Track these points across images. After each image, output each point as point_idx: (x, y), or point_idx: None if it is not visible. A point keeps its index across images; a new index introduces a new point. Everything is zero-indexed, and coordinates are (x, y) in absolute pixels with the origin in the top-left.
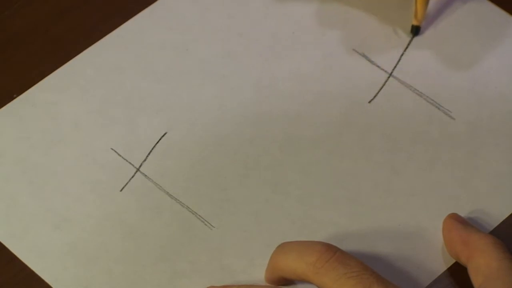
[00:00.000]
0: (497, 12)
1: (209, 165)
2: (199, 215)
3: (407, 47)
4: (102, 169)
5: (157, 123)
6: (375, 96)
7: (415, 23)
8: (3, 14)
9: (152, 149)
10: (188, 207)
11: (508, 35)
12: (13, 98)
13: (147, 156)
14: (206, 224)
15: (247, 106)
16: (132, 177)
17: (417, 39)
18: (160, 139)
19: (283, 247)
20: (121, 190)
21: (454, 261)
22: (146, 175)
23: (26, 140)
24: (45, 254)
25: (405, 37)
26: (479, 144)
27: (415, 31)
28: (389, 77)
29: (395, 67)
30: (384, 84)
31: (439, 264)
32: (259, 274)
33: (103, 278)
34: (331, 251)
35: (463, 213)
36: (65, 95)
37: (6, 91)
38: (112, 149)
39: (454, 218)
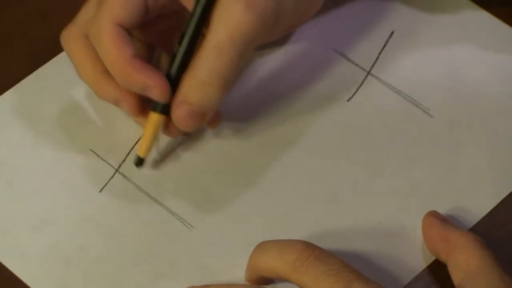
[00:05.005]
0: (472, 7)
1: (187, 165)
2: (179, 216)
3: (384, 46)
4: (81, 170)
5: (136, 123)
6: (353, 95)
7: (140, 154)
8: None
9: (131, 150)
10: (168, 208)
11: (483, 31)
12: None
13: (126, 157)
14: (185, 225)
15: (224, 106)
16: (111, 178)
17: (394, 37)
18: (138, 140)
19: (263, 246)
20: (100, 191)
21: (434, 258)
22: (125, 176)
23: (4, 142)
24: (24, 256)
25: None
26: (458, 141)
27: (139, 162)
28: (367, 75)
29: (373, 65)
30: (362, 83)
31: (419, 261)
32: (239, 274)
33: (83, 279)
34: (310, 249)
35: (442, 211)
36: (43, 97)
37: None
38: (91, 150)
39: (434, 215)
